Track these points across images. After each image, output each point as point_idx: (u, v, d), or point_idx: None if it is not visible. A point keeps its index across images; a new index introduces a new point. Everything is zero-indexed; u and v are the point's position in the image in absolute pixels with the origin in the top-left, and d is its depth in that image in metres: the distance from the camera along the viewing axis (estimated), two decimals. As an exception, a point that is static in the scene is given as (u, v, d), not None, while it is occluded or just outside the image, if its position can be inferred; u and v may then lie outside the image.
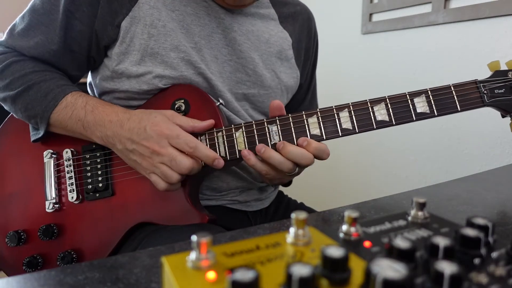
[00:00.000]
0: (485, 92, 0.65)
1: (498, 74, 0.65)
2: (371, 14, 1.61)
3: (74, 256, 0.69)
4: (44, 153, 0.73)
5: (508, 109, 0.65)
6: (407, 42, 1.46)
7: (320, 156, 0.63)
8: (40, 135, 0.70)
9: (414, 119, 0.64)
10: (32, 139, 0.72)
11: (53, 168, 0.72)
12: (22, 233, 0.71)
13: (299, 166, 0.64)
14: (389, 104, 0.64)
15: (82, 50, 0.71)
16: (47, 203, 0.71)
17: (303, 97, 0.93)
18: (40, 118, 0.68)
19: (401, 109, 0.64)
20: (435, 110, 0.64)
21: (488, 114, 0.70)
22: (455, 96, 0.64)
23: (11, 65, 0.69)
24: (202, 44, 0.73)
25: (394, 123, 0.64)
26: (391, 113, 0.64)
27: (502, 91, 0.64)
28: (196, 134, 0.65)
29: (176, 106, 0.69)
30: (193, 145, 0.61)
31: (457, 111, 0.65)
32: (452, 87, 0.65)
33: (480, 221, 0.28)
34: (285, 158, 0.62)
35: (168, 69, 0.70)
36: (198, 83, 0.72)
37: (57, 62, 0.72)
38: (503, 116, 0.68)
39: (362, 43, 1.68)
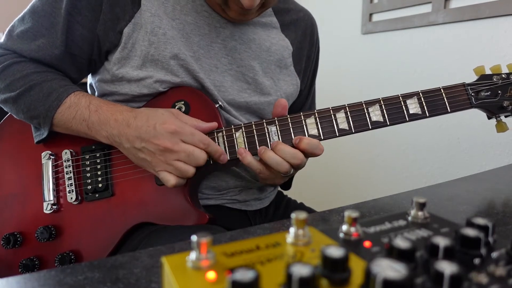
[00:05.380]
0: (472, 94, 0.68)
1: (484, 78, 0.69)
2: (371, 14, 1.61)
3: (72, 257, 0.69)
4: (42, 154, 0.73)
5: (494, 111, 0.69)
6: (407, 42, 1.46)
7: (313, 151, 0.64)
8: (44, 136, 0.70)
9: (407, 119, 0.67)
10: (36, 140, 0.72)
11: (51, 169, 0.72)
12: (18, 235, 0.70)
13: (293, 167, 0.65)
14: (383, 105, 0.67)
15: (82, 53, 0.71)
16: (45, 204, 0.71)
17: (303, 103, 0.93)
18: (43, 118, 0.68)
19: (395, 110, 0.67)
20: (426, 111, 0.67)
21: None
22: (445, 98, 0.68)
23: (11, 66, 0.69)
24: (201, 54, 0.73)
25: (388, 124, 0.67)
26: (385, 114, 0.67)
27: (488, 93, 0.68)
28: None
29: (176, 107, 0.70)
30: (206, 142, 0.63)
31: (447, 112, 0.68)
32: (442, 90, 0.68)
33: (480, 221, 0.28)
34: (282, 158, 0.63)
35: (169, 74, 0.70)
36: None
37: (58, 65, 0.72)
38: (489, 118, 0.72)
39: (362, 43, 1.68)
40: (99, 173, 0.71)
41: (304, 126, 0.67)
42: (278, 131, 0.67)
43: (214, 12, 0.74)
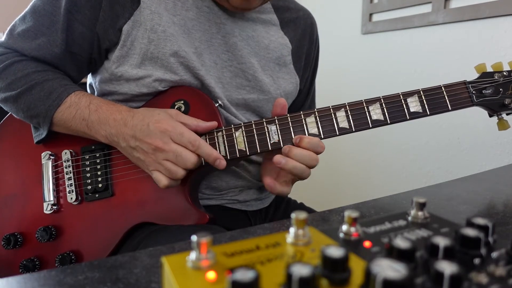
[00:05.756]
0: (473, 92, 0.68)
1: (485, 75, 0.69)
2: (371, 14, 1.61)
3: (72, 257, 0.69)
4: (42, 154, 0.73)
5: (495, 109, 0.68)
6: (407, 42, 1.46)
7: (314, 149, 0.64)
8: (43, 136, 0.70)
9: (408, 118, 0.67)
10: (35, 140, 0.72)
11: (51, 170, 0.72)
12: (18, 236, 0.70)
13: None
14: (383, 104, 0.67)
15: (82, 52, 0.71)
16: (45, 204, 0.71)
17: (302, 102, 0.93)
18: (43, 117, 0.68)
19: (395, 108, 0.67)
20: (427, 110, 0.67)
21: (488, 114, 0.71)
22: (446, 96, 0.67)
23: (12, 65, 0.69)
24: (202, 49, 0.73)
25: (388, 122, 0.67)
26: (386, 113, 0.67)
27: (489, 91, 0.67)
28: (198, 133, 0.65)
29: (176, 107, 0.70)
30: (196, 143, 0.62)
31: (448, 110, 0.67)
32: (443, 87, 0.68)
33: (480, 221, 0.28)
34: (301, 164, 0.63)
35: (168, 73, 0.70)
36: (197, 88, 0.72)
37: (58, 64, 0.72)
38: (490, 116, 0.72)
39: (362, 43, 1.68)
40: (99, 173, 0.71)
41: (304, 125, 0.67)
42: (278, 130, 0.66)
43: (215, 6, 0.74)
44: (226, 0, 0.71)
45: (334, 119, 0.67)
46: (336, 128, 0.66)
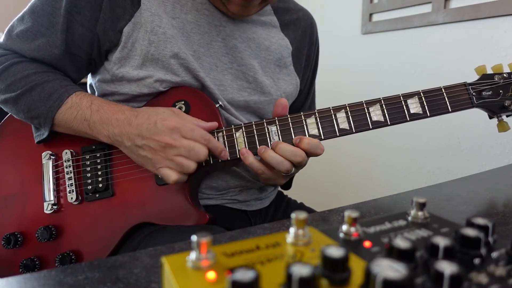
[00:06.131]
0: (473, 94, 0.68)
1: (485, 77, 0.69)
2: (371, 14, 1.61)
3: (72, 257, 0.69)
4: (43, 154, 0.73)
5: (495, 111, 0.68)
6: (407, 42, 1.46)
7: (313, 151, 0.64)
8: (45, 136, 0.70)
9: (408, 119, 0.67)
10: (36, 140, 0.72)
11: (52, 169, 0.72)
12: (18, 235, 0.70)
13: (295, 166, 0.65)
14: (384, 105, 0.67)
15: (82, 53, 0.71)
16: (45, 204, 0.71)
17: (302, 102, 0.93)
18: (44, 118, 0.68)
19: (395, 110, 0.67)
20: (427, 111, 0.67)
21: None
22: (446, 98, 0.67)
23: (11, 67, 0.69)
24: (201, 52, 0.73)
25: (389, 123, 0.67)
26: (386, 114, 0.67)
27: (489, 93, 0.67)
28: None
29: (177, 107, 0.70)
30: (207, 137, 0.64)
31: (448, 112, 0.68)
32: (443, 89, 0.68)
33: (480, 221, 0.28)
34: (282, 157, 0.63)
35: (169, 74, 0.70)
36: (197, 89, 0.72)
37: (57, 65, 0.72)
38: (490, 118, 0.72)
39: (362, 43, 1.68)
40: (99, 173, 0.71)
41: (305, 126, 0.67)
42: (279, 131, 0.67)
43: (215, 9, 0.74)
44: (225, 7, 0.71)
45: (334, 120, 0.67)
46: (337, 129, 0.67)
